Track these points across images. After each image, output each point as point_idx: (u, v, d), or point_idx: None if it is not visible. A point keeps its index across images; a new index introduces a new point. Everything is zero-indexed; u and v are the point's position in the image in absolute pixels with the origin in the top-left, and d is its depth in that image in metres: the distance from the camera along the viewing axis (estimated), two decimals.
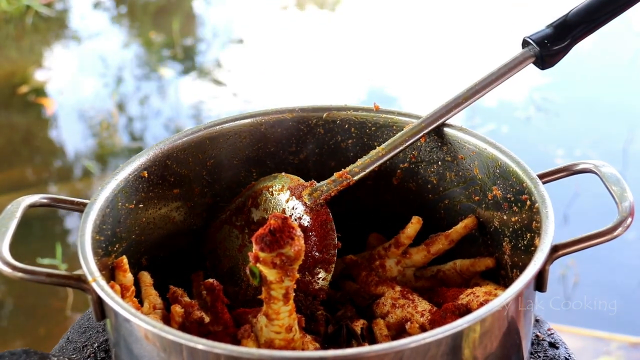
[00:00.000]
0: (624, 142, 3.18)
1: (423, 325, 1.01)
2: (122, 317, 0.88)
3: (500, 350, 0.89)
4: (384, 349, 0.81)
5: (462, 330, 0.83)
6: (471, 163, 1.12)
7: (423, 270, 1.16)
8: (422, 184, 1.19)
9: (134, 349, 0.90)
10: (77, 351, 1.15)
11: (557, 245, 0.93)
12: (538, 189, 1.00)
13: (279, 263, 0.90)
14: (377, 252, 1.16)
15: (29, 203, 1.03)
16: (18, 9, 4.50)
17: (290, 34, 4.36)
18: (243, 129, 1.19)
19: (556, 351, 1.13)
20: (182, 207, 1.17)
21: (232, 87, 3.83)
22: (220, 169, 1.19)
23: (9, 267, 0.92)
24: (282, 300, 0.93)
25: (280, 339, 0.95)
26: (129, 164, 1.10)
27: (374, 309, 1.09)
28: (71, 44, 4.42)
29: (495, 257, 1.11)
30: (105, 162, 3.31)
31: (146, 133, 3.52)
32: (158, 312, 1.04)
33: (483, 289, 1.03)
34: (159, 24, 4.54)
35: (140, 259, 1.13)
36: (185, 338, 0.82)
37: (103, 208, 1.03)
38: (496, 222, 1.10)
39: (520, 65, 1.10)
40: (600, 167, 1.02)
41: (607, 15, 1.07)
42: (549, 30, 1.10)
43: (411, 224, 1.12)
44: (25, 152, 3.40)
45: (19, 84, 3.83)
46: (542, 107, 3.53)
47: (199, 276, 1.18)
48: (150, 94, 3.82)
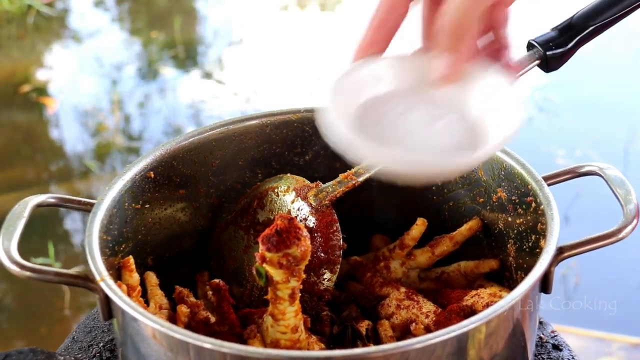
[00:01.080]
0: (625, 142, 3.18)
1: (428, 327, 1.02)
2: (129, 316, 0.88)
3: (506, 352, 0.90)
4: (390, 349, 0.81)
5: (467, 332, 0.83)
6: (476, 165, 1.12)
7: (427, 272, 1.16)
8: (426, 185, 1.20)
9: (141, 348, 0.90)
10: (82, 350, 1.16)
11: (563, 247, 0.94)
12: (543, 191, 1.01)
13: (285, 263, 0.90)
14: (381, 253, 1.16)
15: (37, 203, 1.03)
16: (20, 8, 4.51)
17: (292, 33, 4.36)
18: (248, 130, 1.20)
19: (560, 353, 1.14)
20: (188, 207, 1.18)
21: (234, 87, 3.83)
22: (225, 170, 1.20)
23: (18, 267, 0.92)
24: (288, 301, 0.94)
25: (286, 339, 0.95)
26: (135, 164, 1.10)
27: (379, 310, 1.09)
28: (72, 43, 4.42)
29: (499, 258, 1.11)
30: (106, 162, 3.32)
31: (147, 132, 3.52)
32: (164, 312, 1.04)
33: (487, 291, 1.03)
34: (160, 24, 4.54)
35: (146, 259, 1.13)
36: (192, 337, 0.83)
37: (110, 208, 1.04)
38: (501, 224, 1.10)
39: (525, 67, 1.10)
40: (605, 169, 1.03)
41: (613, 18, 1.07)
42: (553, 33, 1.10)
43: (416, 225, 1.13)
44: (27, 151, 3.40)
45: (21, 83, 3.83)
46: (543, 107, 3.53)
47: (204, 276, 1.18)
48: (151, 93, 3.82)
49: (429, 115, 0.88)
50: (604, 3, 1.09)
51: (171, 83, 3.90)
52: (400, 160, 0.83)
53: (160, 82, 3.92)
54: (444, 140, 0.86)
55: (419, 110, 0.89)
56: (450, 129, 0.87)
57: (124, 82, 3.91)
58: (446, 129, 0.87)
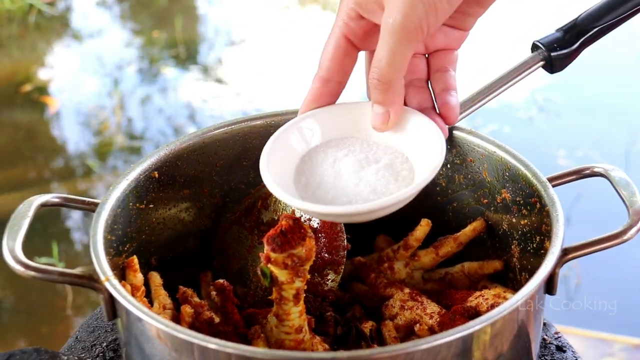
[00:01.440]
0: (626, 143, 3.19)
1: (432, 327, 1.02)
2: (134, 316, 0.88)
3: (510, 353, 0.90)
4: (395, 350, 0.81)
5: (473, 333, 0.83)
6: (480, 166, 1.12)
7: (431, 273, 1.16)
8: (430, 186, 1.19)
9: (145, 348, 0.90)
10: (85, 350, 1.16)
11: (568, 248, 0.94)
12: (548, 192, 1.01)
13: (290, 264, 0.90)
14: (385, 254, 1.16)
15: (41, 202, 1.03)
16: (21, 7, 4.51)
17: (293, 33, 4.36)
18: (253, 130, 1.20)
19: (563, 354, 1.14)
20: (192, 207, 1.18)
21: (235, 87, 3.83)
22: (230, 170, 1.20)
23: (22, 266, 0.92)
24: (293, 301, 0.94)
25: (290, 339, 0.95)
26: (139, 164, 1.10)
27: (383, 311, 1.09)
28: (74, 42, 4.42)
29: (503, 259, 1.11)
30: (107, 161, 3.32)
31: (148, 132, 3.53)
32: (168, 312, 1.04)
33: (492, 292, 1.03)
34: (162, 23, 4.54)
35: (150, 259, 1.13)
36: (197, 337, 0.83)
37: (114, 208, 1.04)
38: (505, 225, 1.10)
39: (530, 69, 1.10)
40: (611, 171, 1.03)
41: (617, 19, 1.07)
42: (558, 34, 1.10)
43: (420, 226, 1.13)
44: (28, 151, 3.40)
45: (22, 83, 3.83)
46: (544, 107, 3.54)
47: (208, 277, 1.18)
48: (153, 92, 3.82)
49: (364, 158, 0.98)
50: (609, 4, 1.09)
51: (172, 83, 3.91)
52: (325, 214, 0.96)
53: (162, 81, 3.92)
54: (369, 186, 0.95)
55: (355, 155, 0.99)
56: (377, 175, 0.96)
57: (125, 81, 3.91)
58: (373, 175, 0.96)
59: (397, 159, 0.98)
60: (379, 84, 0.93)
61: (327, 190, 0.96)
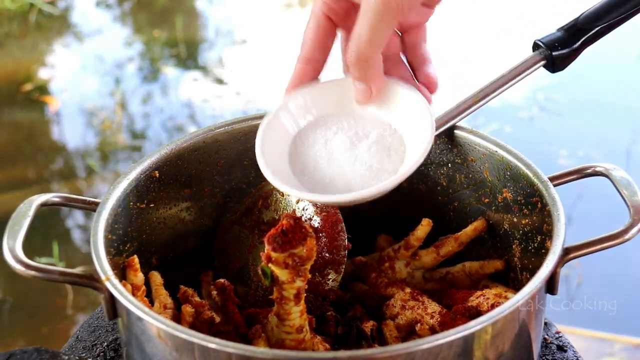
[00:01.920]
0: (628, 142, 3.18)
1: (433, 327, 1.02)
2: (134, 315, 0.88)
3: (511, 353, 0.90)
4: (396, 349, 0.81)
5: (474, 332, 0.83)
6: (481, 165, 1.12)
7: (432, 272, 1.16)
8: (431, 186, 1.20)
9: (145, 347, 0.90)
10: (86, 350, 1.16)
11: (569, 247, 0.94)
12: (549, 192, 1.00)
13: (291, 263, 0.90)
14: (386, 253, 1.16)
15: (41, 202, 1.03)
16: (21, 7, 4.51)
17: (294, 33, 4.36)
18: (253, 129, 1.18)
19: (564, 354, 1.13)
20: (193, 207, 1.18)
21: (235, 86, 3.83)
22: (230, 170, 1.19)
23: (23, 266, 0.92)
24: (294, 301, 0.94)
25: (291, 339, 0.95)
26: (140, 163, 1.10)
27: (384, 311, 1.09)
28: (74, 41, 4.42)
29: (504, 259, 1.11)
30: (108, 160, 3.32)
31: (149, 131, 3.52)
32: (168, 312, 1.04)
33: (493, 291, 1.03)
34: (162, 22, 4.54)
35: (151, 258, 1.13)
36: (197, 337, 0.83)
37: (115, 207, 1.03)
38: (506, 225, 1.10)
39: (531, 68, 1.10)
40: (612, 170, 1.03)
41: (619, 19, 1.07)
42: (559, 33, 1.10)
43: (421, 226, 1.13)
44: (29, 150, 3.40)
45: (23, 82, 3.83)
46: (546, 107, 3.53)
47: (209, 276, 1.18)
48: (153, 92, 3.82)
49: (354, 134, 0.99)
50: (610, 4, 1.09)
51: (173, 82, 3.90)
52: (318, 201, 0.99)
53: (162, 81, 3.92)
54: (364, 164, 0.97)
55: (344, 132, 1.00)
56: (370, 151, 0.98)
57: (125, 81, 3.91)
58: (366, 152, 0.97)
59: (385, 131, 1.00)
60: (357, 62, 0.95)
61: (325, 174, 0.97)
